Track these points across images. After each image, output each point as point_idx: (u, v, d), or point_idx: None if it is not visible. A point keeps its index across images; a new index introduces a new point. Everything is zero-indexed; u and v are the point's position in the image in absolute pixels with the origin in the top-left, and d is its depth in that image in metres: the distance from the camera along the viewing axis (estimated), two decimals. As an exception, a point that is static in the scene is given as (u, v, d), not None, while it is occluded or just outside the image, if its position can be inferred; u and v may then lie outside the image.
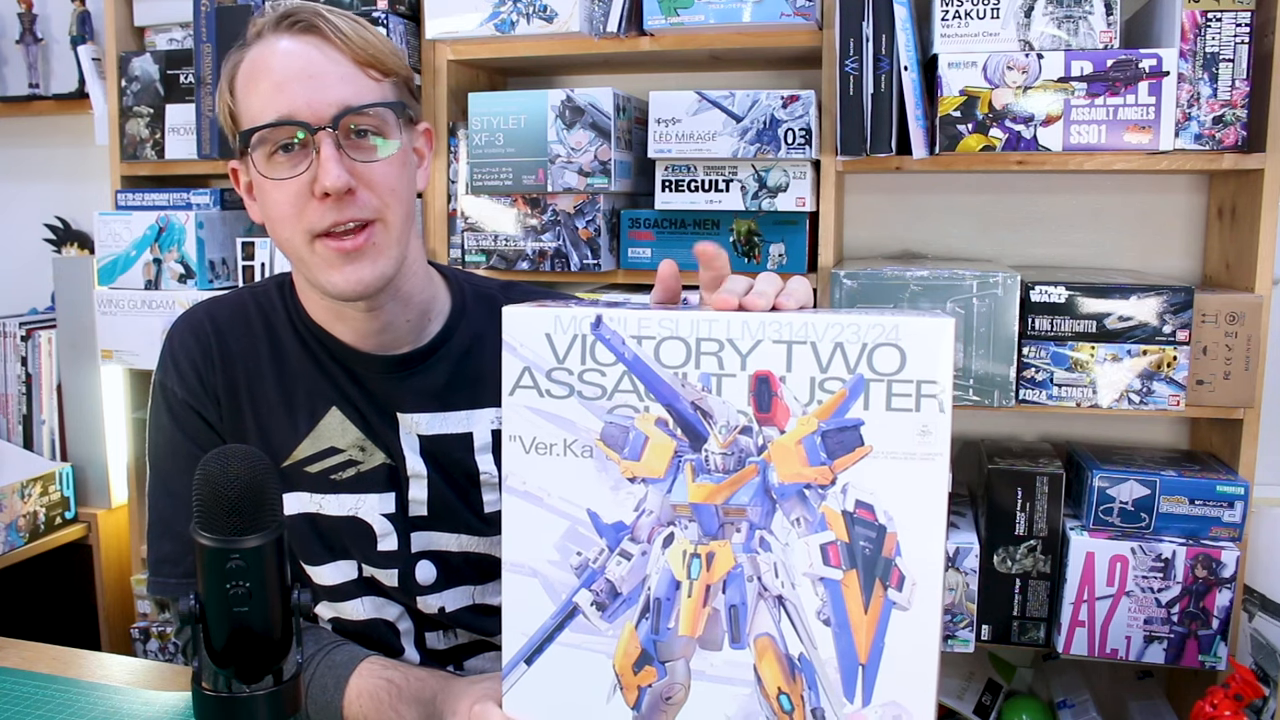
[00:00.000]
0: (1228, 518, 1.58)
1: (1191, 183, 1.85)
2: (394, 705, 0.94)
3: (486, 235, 1.83)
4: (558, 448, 0.76)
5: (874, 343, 0.72)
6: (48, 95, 2.32)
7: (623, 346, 0.75)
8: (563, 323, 0.76)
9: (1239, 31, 1.54)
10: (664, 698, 0.75)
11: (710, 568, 0.75)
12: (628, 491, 0.76)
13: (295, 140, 0.94)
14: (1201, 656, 1.60)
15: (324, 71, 0.95)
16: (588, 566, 0.76)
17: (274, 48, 0.96)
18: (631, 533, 0.76)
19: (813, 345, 0.73)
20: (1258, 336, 1.56)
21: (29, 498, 2.03)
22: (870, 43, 1.61)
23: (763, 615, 0.74)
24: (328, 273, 0.97)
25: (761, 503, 0.74)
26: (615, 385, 0.75)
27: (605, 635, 0.76)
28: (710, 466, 0.75)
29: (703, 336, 0.74)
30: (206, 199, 2.04)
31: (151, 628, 2.10)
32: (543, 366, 0.76)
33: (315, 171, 0.93)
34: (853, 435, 0.72)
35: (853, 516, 0.73)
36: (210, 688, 0.68)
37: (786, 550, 0.74)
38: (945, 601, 1.64)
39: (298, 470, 1.05)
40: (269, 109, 0.94)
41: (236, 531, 0.65)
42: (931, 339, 0.71)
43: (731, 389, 0.74)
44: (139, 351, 2.01)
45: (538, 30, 1.76)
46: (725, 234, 1.77)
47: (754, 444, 0.74)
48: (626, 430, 0.75)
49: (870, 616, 0.72)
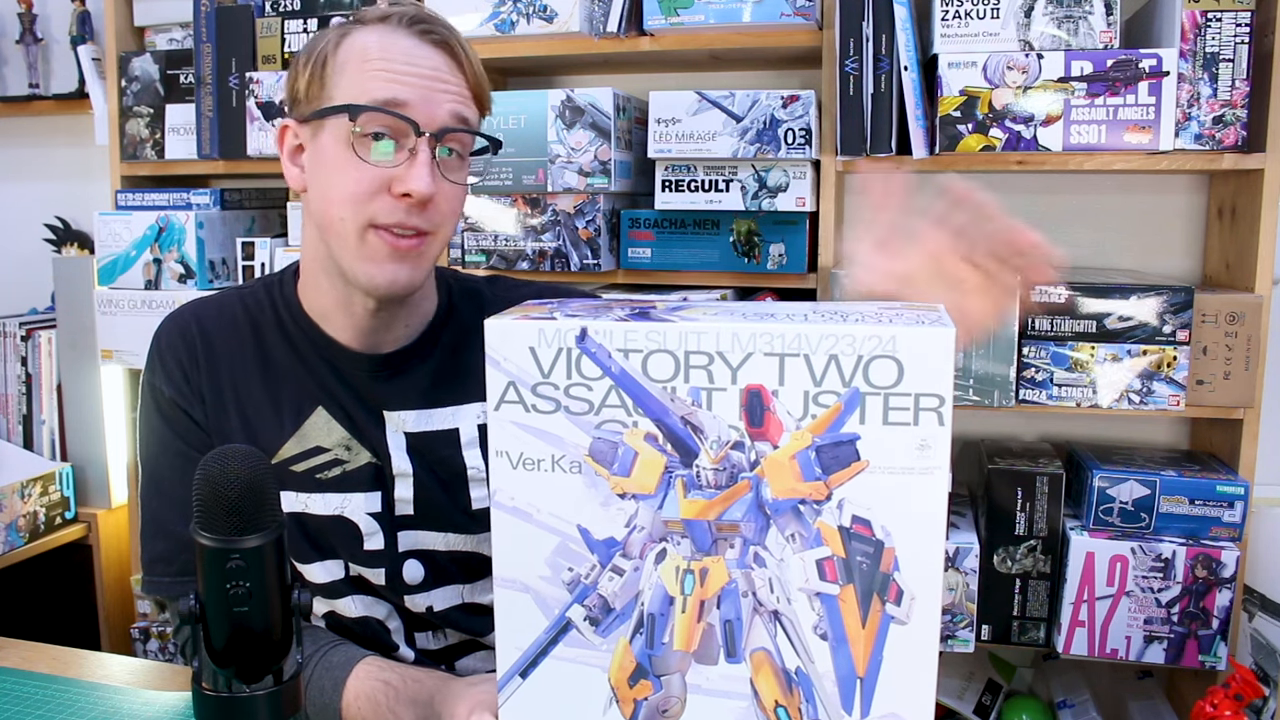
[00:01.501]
0: (1228, 518, 1.58)
1: (1191, 183, 1.85)
2: (391, 708, 0.94)
3: (486, 235, 1.83)
4: (545, 463, 0.75)
5: (870, 355, 0.69)
6: (48, 95, 2.32)
7: (609, 360, 0.73)
8: (547, 336, 0.74)
9: (1239, 31, 1.54)
10: (660, 711, 0.75)
11: (704, 583, 0.74)
12: (618, 507, 0.74)
13: (393, 135, 0.95)
14: (1201, 656, 1.60)
15: (447, 83, 0.97)
16: (580, 582, 0.75)
17: (402, 41, 0.97)
18: (623, 549, 0.74)
19: (806, 358, 0.70)
20: (1258, 336, 1.56)
21: (29, 498, 2.03)
22: (870, 43, 1.61)
23: (758, 630, 0.73)
24: (369, 264, 0.97)
25: (755, 519, 0.73)
26: (603, 400, 0.73)
27: (599, 649, 0.75)
28: (702, 482, 0.73)
29: (691, 349, 0.72)
30: (206, 199, 2.04)
31: (151, 628, 2.10)
32: (528, 381, 0.74)
33: (405, 171, 0.95)
34: (848, 450, 0.70)
35: (849, 532, 0.71)
36: (210, 688, 0.68)
37: (781, 566, 0.72)
38: (945, 602, 1.64)
39: (284, 469, 1.05)
40: (378, 93, 0.95)
41: (236, 531, 0.65)
42: (930, 350, 0.69)
43: (722, 403, 0.72)
44: (139, 351, 2.01)
45: (538, 30, 1.76)
46: (725, 234, 1.77)
47: (746, 460, 0.72)
48: (615, 446, 0.74)
49: (868, 631, 0.71)
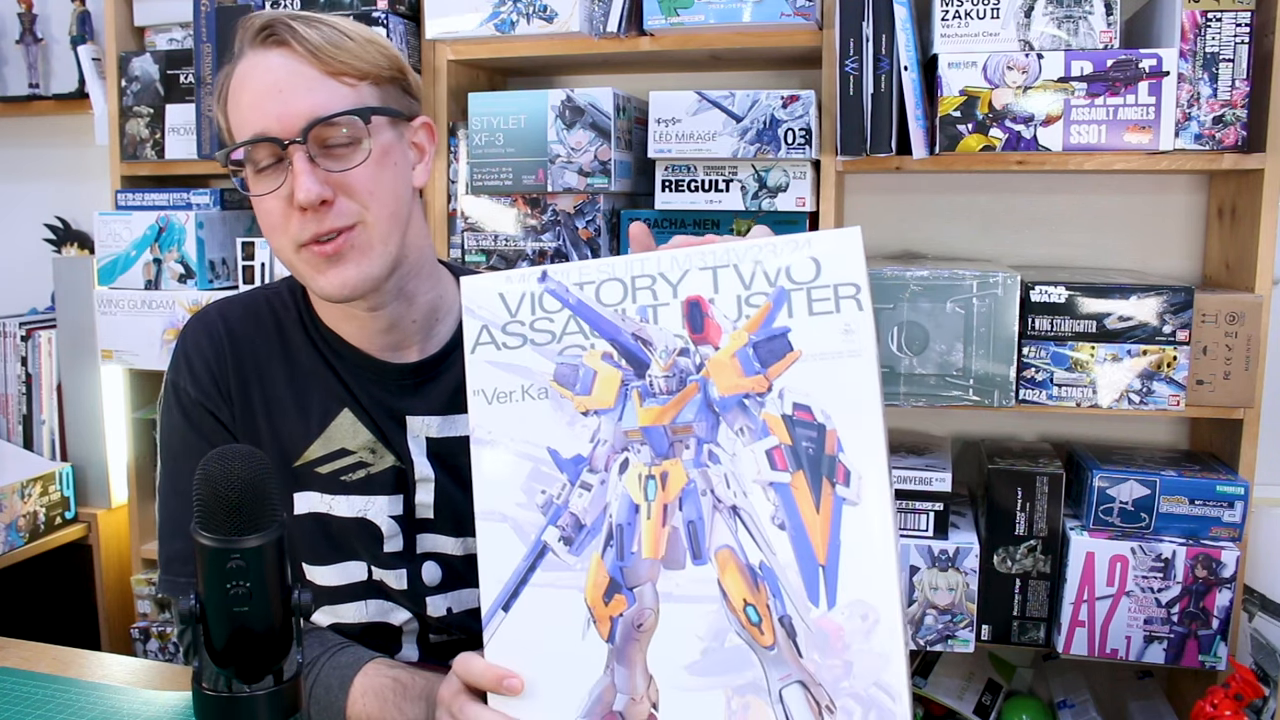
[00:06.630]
0: (1228, 518, 1.58)
1: (1191, 183, 1.85)
2: (398, 703, 0.94)
3: (486, 235, 1.83)
4: (516, 394, 0.81)
5: (790, 256, 0.79)
6: (48, 95, 2.31)
7: (567, 294, 0.81)
8: (513, 281, 0.82)
9: (1239, 31, 1.54)
10: (635, 625, 0.78)
11: (665, 487, 0.79)
12: (583, 425, 0.80)
13: (272, 158, 0.96)
14: (1201, 656, 1.60)
15: (291, 85, 0.96)
16: (552, 503, 0.80)
17: (251, 63, 0.98)
18: (590, 464, 0.80)
19: (735, 267, 0.80)
20: (1258, 336, 1.57)
21: (29, 498, 2.03)
22: (870, 43, 1.61)
23: (720, 528, 0.78)
24: (314, 277, 0.99)
25: (706, 417, 0.79)
26: (563, 329, 0.81)
27: (575, 570, 0.80)
28: (655, 390, 0.79)
29: (636, 274, 0.81)
30: (206, 199, 2.04)
31: (151, 628, 2.10)
32: (498, 322, 0.82)
33: (288, 186, 0.95)
34: (781, 343, 0.78)
35: (792, 420, 0.77)
36: (210, 688, 0.68)
37: (734, 460, 0.78)
38: (945, 602, 1.64)
39: (309, 471, 1.05)
40: (246, 127, 0.97)
41: (236, 531, 0.65)
42: (841, 245, 0.78)
43: (667, 316, 0.79)
44: (139, 351, 2.01)
45: (538, 30, 1.76)
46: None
47: (692, 364, 0.79)
48: (576, 368, 0.81)
49: (823, 516, 0.76)
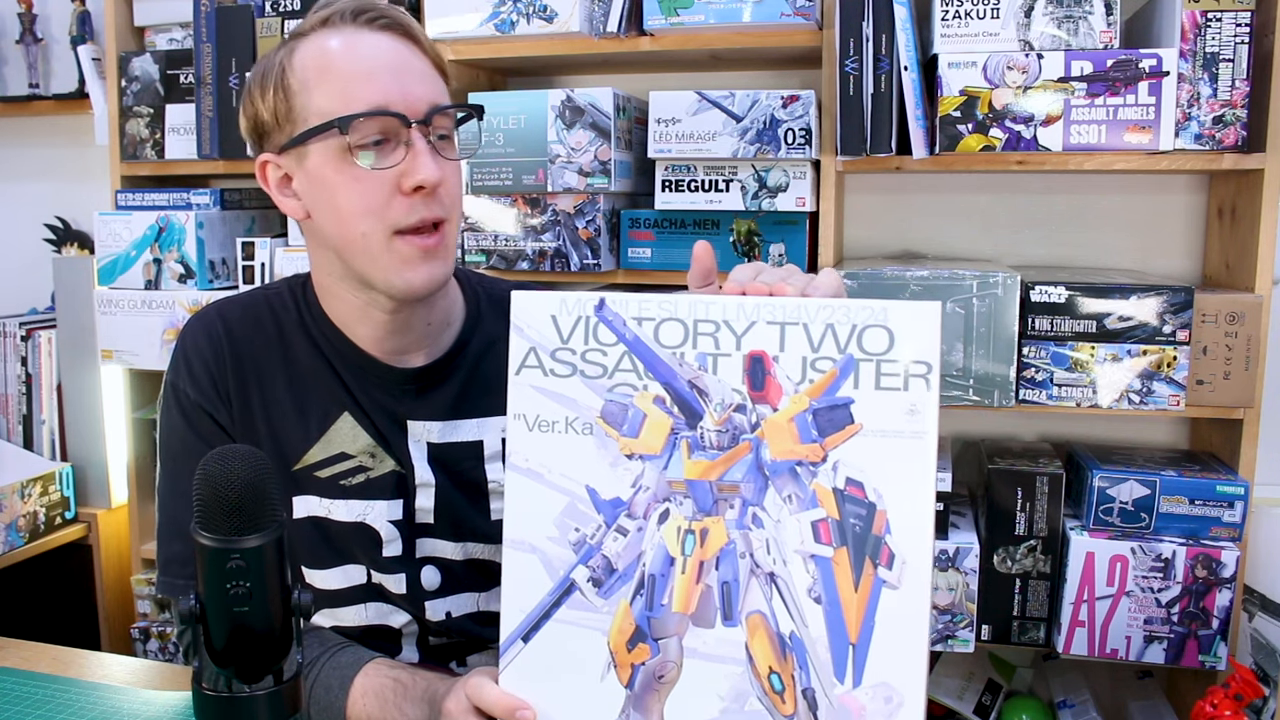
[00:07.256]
0: (1228, 518, 1.58)
1: (1191, 183, 1.84)
2: (398, 704, 0.94)
3: (486, 235, 1.83)
4: (559, 425, 0.78)
5: (863, 324, 0.74)
6: (48, 95, 2.31)
7: (624, 327, 0.78)
8: (568, 305, 0.79)
9: (1239, 31, 1.54)
10: (657, 676, 0.76)
11: (704, 544, 0.76)
12: (625, 468, 0.77)
13: (384, 136, 0.92)
14: (1201, 656, 1.60)
15: (408, 68, 0.94)
16: (585, 543, 0.78)
17: (350, 40, 0.94)
18: (628, 509, 0.77)
19: (805, 326, 0.75)
20: (1258, 336, 1.56)
21: (29, 498, 2.03)
22: (870, 43, 1.61)
23: (754, 592, 0.76)
24: (402, 270, 0.95)
25: (754, 479, 0.76)
26: (616, 364, 0.78)
27: (601, 612, 0.77)
28: (705, 443, 0.76)
29: (700, 318, 0.76)
30: (206, 199, 2.04)
31: (151, 628, 2.10)
32: (547, 347, 0.79)
33: (409, 165, 0.92)
34: (843, 413, 0.74)
35: (843, 494, 0.74)
36: (210, 688, 0.68)
37: (778, 527, 0.75)
38: (945, 602, 1.64)
39: (308, 474, 1.05)
40: (357, 100, 0.92)
41: (236, 531, 0.65)
42: (919, 321, 0.74)
43: (727, 368, 0.76)
44: (139, 351, 2.01)
45: (538, 30, 1.76)
46: (725, 234, 1.77)
47: (748, 421, 0.76)
48: (626, 408, 0.77)
49: (860, 595, 0.74)
